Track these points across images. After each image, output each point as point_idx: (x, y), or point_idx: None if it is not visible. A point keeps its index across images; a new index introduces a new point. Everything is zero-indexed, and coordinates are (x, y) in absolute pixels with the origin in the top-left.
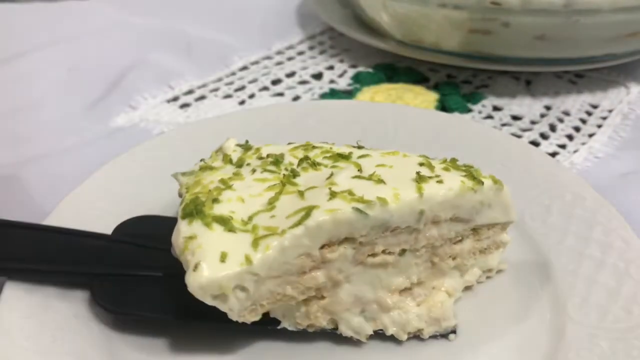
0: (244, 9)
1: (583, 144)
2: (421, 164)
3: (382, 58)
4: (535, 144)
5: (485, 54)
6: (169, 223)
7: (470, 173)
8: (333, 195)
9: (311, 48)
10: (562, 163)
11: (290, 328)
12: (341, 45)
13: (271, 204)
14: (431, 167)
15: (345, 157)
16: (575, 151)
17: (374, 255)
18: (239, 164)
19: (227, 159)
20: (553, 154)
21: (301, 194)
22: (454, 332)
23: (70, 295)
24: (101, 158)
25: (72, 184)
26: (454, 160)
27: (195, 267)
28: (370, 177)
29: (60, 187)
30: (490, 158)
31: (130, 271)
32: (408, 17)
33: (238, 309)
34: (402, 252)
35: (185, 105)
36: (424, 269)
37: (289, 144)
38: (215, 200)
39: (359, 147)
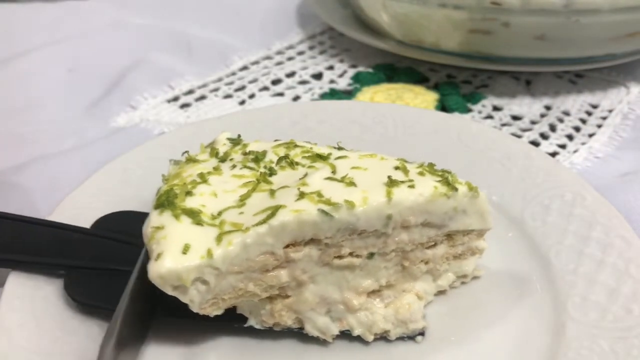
0: (244, 9)
1: (583, 144)
2: (396, 168)
3: (382, 58)
4: (535, 144)
5: (485, 54)
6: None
7: (446, 179)
8: (301, 195)
9: (311, 48)
10: (562, 163)
11: (257, 326)
12: (341, 45)
13: (242, 200)
14: (406, 171)
15: (323, 157)
16: (575, 151)
17: (340, 257)
18: (223, 159)
19: (213, 153)
20: (553, 154)
21: (272, 192)
22: (422, 334)
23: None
24: (101, 158)
25: (72, 184)
26: (431, 165)
27: (158, 256)
28: (342, 179)
29: (61, 187)
30: (490, 158)
31: (105, 265)
32: (408, 17)
33: (199, 301)
34: (371, 255)
35: (185, 105)
36: (393, 272)
37: (275, 141)
38: (189, 193)
39: (339, 148)
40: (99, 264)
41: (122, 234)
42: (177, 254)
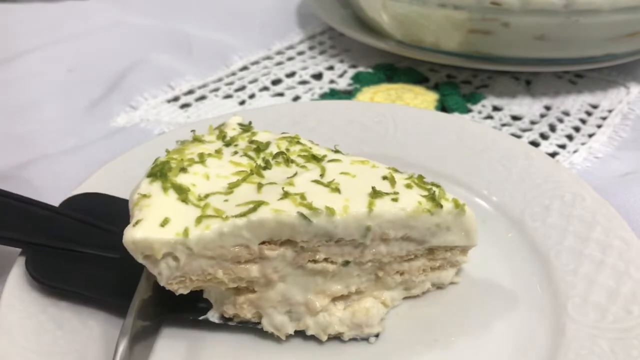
0: (244, 9)
1: (583, 144)
2: (384, 178)
3: (382, 58)
4: (535, 144)
5: (485, 54)
6: (119, 204)
7: (432, 194)
8: (285, 195)
9: (311, 48)
10: (562, 163)
11: (212, 319)
12: (341, 45)
13: (230, 188)
14: (393, 182)
15: (318, 159)
16: (575, 151)
17: (315, 261)
18: (229, 143)
19: (220, 135)
20: (553, 154)
21: (260, 186)
22: (376, 335)
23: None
24: (101, 158)
25: (73, 184)
26: (421, 177)
27: (136, 223)
28: (328, 184)
29: (61, 187)
30: (490, 158)
31: (69, 246)
32: (408, 17)
33: (166, 276)
34: (346, 263)
35: (185, 105)
36: (366, 280)
37: (282, 133)
38: (183, 170)
39: (336, 151)
40: (63, 244)
41: (90, 216)
42: (155, 225)
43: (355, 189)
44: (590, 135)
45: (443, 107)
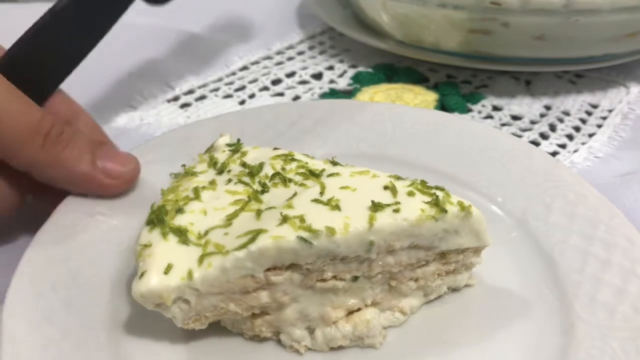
0: (244, 9)
1: (583, 143)
2: (385, 187)
3: (382, 58)
4: (535, 143)
5: (485, 54)
6: None
7: (436, 199)
8: (284, 220)
9: (311, 48)
10: (563, 162)
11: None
12: (341, 45)
13: (229, 220)
14: (394, 192)
15: (316, 175)
16: (575, 151)
17: (323, 280)
18: (221, 170)
19: (211, 163)
20: (553, 154)
21: (259, 213)
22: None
23: (73, 300)
24: None
25: None
26: (423, 183)
27: (142, 275)
28: (328, 202)
29: None
30: (490, 158)
31: None
32: (408, 17)
33: (181, 318)
34: (355, 278)
35: (185, 105)
36: (380, 291)
37: (274, 149)
38: (179, 211)
39: (334, 163)
40: None
41: None
42: (159, 274)
43: (356, 203)
44: (591, 135)
45: (443, 107)
